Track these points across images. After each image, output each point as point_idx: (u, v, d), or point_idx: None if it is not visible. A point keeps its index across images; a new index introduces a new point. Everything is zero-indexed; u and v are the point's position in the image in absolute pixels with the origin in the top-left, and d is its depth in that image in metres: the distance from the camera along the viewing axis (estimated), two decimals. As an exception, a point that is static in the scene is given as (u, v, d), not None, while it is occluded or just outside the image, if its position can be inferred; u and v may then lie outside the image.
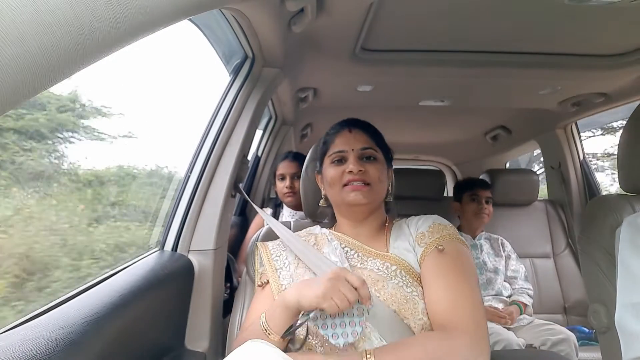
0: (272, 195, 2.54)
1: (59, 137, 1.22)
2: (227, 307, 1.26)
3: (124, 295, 0.80)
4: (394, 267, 0.90)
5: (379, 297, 0.86)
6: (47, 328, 0.62)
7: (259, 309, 0.95)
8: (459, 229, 2.08)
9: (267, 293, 0.98)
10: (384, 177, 0.98)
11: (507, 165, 3.42)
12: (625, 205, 1.03)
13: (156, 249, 1.16)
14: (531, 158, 4.50)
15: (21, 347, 0.56)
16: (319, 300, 0.74)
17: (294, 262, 1.00)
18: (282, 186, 2.00)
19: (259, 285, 1.01)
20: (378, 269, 0.91)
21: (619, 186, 1.08)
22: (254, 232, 1.91)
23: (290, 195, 1.96)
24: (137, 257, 1.08)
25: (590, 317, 1.07)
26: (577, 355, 1.65)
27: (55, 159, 1.22)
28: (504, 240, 2.10)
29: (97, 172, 1.36)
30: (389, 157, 1.04)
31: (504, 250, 2.05)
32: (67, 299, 0.77)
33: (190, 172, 1.20)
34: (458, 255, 0.89)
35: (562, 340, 1.65)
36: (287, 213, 2.08)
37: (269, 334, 0.82)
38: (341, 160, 0.98)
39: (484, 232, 2.09)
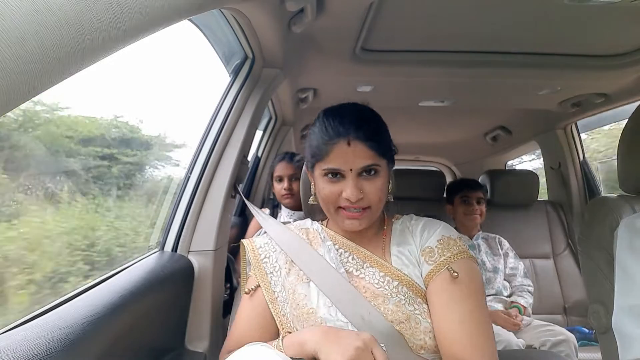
0: (272, 196, 2.54)
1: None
2: (227, 307, 1.26)
3: (124, 296, 0.80)
4: (395, 283, 0.82)
5: (379, 310, 0.80)
6: (47, 328, 0.62)
7: (246, 322, 0.87)
8: (455, 229, 2.08)
9: (257, 301, 0.88)
10: (384, 193, 0.85)
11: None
12: (625, 205, 1.03)
13: (156, 249, 1.16)
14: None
15: (21, 347, 0.56)
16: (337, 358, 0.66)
17: (285, 267, 0.91)
18: (279, 188, 1.99)
19: (246, 293, 0.90)
20: (378, 282, 0.83)
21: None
22: (252, 233, 1.91)
23: (288, 197, 1.96)
24: (137, 257, 1.08)
25: (590, 318, 1.07)
26: (576, 356, 1.65)
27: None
28: (501, 239, 2.09)
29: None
30: (392, 158, 0.90)
31: (501, 249, 2.05)
32: (67, 300, 0.77)
33: (190, 173, 1.20)
34: (471, 281, 0.81)
35: (562, 341, 1.65)
36: (285, 213, 2.07)
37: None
38: (336, 175, 0.83)
39: (480, 232, 2.09)
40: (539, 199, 2.44)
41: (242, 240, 0.99)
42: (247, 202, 1.32)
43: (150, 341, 0.91)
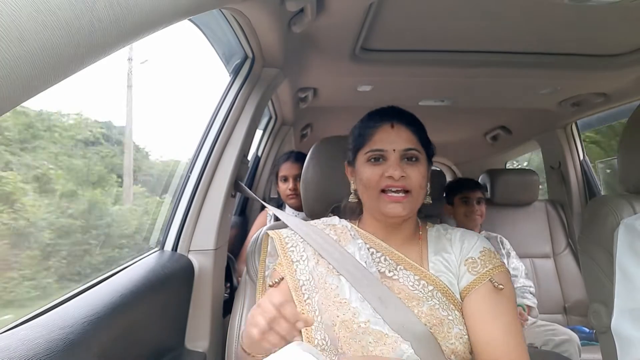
0: (273, 195, 2.54)
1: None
2: (227, 307, 1.26)
3: (124, 295, 0.80)
4: (430, 288, 0.83)
5: (414, 312, 0.80)
6: (47, 328, 0.62)
7: None
8: None
9: (281, 291, 0.86)
10: (425, 182, 0.87)
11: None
12: (626, 205, 1.03)
13: (156, 248, 1.16)
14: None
15: (21, 347, 0.56)
16: None
17: (313, 258, 0.89)
18: (284, 188, 1.99)
19: (270, 285, 0.89)
20: (413, 285, 0.84)
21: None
22: (255, 231, 1.91)
23: (293, 197, 1.96)
24: (137, 257, 1.08)
25: (591, 317, 1.07)
26: (579, 356, 1.65)
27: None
28: (503, 238, 2.09)
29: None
30: (431, 156, 0.93)
31: (503, 248, 2.05)
32: (67, 299, 0.77)
33: (190, 172, 1.20)
34: (511, 294, 0.85)
35: (565, 341, 1.64)
36: (289, 213, 2.08)
37: None
38: (379, 160, 0.86)
39: (483, 232, 2.09)
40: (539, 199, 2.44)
41: (267, 231, 0.98)
42: (259, 200, 1.31)
43: (150, 340, 0.91)
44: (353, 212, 0.98)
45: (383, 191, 0.85)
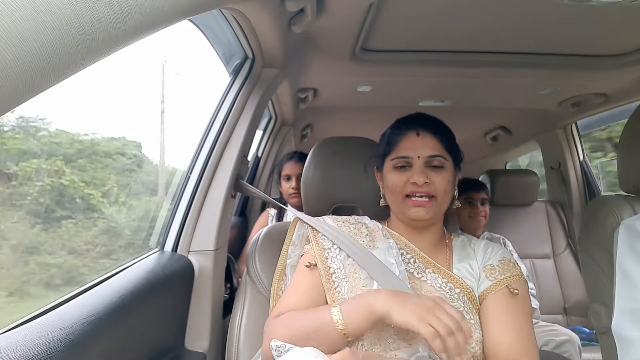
0: (274, 196, 2.54)
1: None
2: (227, 307, 1.26)
3: (124, 296, 0.80)
4: (457, 290, 0.86)
5: None
6: (47, 329, 0.62)
7: (301, 294, 0.87)
8: (460, 229, 2.08)
9: (315, 275, 0.89)
10: (450, 188, 0.90)
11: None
12: (625, 205, 1.03)
13: (156, 249, 1.16)
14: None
15: (21, 347, 0.56)
16: (415, 321, 0.69)
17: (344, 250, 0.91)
18: (287, 187, 1.99)
19: (306, 266, 0.90)
20: (440, 286, 0.86)
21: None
22: (256, 232, 1.91)
23: (296, 196, 1.96)
24: (137, 257, 1.08)
25: (591, 318, 1.07)
26: (580, 357, 1.65)
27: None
28: (505, 240, 2.09)
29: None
30: (458, 160, 0.96)
31: (506, 249, 2.05)
32: (67, 300, 0.77)
33: (190, 173, 1.20)
34: (526, 300, 0.88)
35: (565, 341, 1.64)
36: (291, 213, 2.08)
37: (345, 333, 0.75)
38: (405, 167, 0.89)
39: (485, 232, 2.09)
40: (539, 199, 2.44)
41: (298, 216, 1.01)
42: (267, 197, 1.30)
43: (150, 341, 0.91)
44: (381, 213, 1.01)
45: (407, 196, 0.88)
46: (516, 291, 0.85)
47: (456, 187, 0.95)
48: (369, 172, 1.06)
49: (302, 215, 1.03)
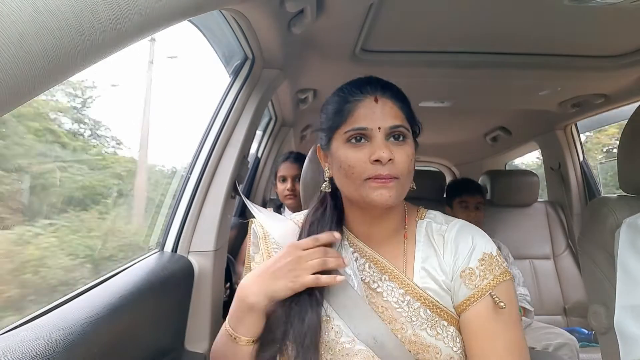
0: (273, 197, 2.54)
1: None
2: (227, 308, 1.26)
3: (124, 297, 0.79)
4: (416, 305, 0.72)
5: (396, 336, 0.71)
6: (47, 329, 0.62)
7: None
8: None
9: None
10: (412, 165, 0.74)
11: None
12: (625, 206, 1.03)
13: (156, 250, 1.16)
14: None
15: (21, 348, 0.56)
16: (296, 285, 0.68)
17: None
18: (283, 188, 1.99)
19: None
20: (397, 302, 0.73)
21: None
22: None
23: (291, 197, 1.96)
24: (136, 258, 1.08)
25: (590, 318, 1.07)
26: (578, 358, 1.65)
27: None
28: (501, 244, 2.07)
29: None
30: (416, 135, 0.80)
31: (502, 253, 2.03)
32: (67, 300, 0.77)
33: (190, 173, 1.20)
34: (513, 307, 0.73)
35: (564, 344, 1.64)
36: (288, 215, 2.07)
37: (239, 342, 0.72)
38: (360, 139, 0.72)
39: None
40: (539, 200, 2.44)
41: (254, 220, 0.89)
42: (246, 201, 1.30)
43: (149, 342, 0.91)
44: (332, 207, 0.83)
45: (369, 177, 0.71)
46: (502, 304, 0.70)
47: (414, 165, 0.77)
48: None
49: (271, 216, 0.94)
